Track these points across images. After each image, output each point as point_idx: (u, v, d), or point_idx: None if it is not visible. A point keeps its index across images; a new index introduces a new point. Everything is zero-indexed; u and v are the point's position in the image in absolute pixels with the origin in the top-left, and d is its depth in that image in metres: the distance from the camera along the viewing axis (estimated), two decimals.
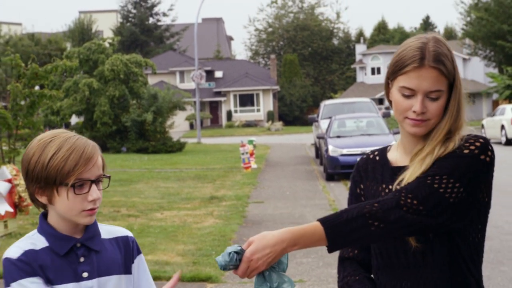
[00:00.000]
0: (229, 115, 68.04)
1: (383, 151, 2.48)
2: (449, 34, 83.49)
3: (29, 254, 2.18)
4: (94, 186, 2.21)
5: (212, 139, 46.54)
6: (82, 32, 73.56)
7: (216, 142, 42.43)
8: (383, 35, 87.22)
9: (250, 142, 23.03)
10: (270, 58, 76.05)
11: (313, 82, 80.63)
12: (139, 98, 32.24)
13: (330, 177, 18.84)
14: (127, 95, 31.94)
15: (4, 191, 9.82)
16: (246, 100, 69.02)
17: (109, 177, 2.28)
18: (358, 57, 78.23)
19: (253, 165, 22.12)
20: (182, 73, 69.31)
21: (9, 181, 10.07)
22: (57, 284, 2.21)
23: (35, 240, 2.24)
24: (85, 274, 2.24)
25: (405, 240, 2.27)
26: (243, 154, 21.52)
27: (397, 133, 20.64)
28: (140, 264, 2.40)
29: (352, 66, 79.24)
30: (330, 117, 22.73)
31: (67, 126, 39.32)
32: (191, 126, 63.58)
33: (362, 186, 2.45)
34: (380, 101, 70.78)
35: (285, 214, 12.84)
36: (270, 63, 75.12)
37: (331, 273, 8.12)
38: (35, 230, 2.27)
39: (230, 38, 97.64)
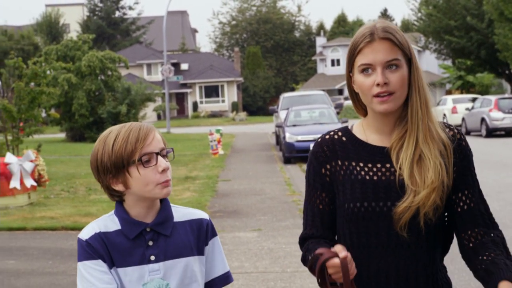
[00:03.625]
0: (195, 106, 70.70)
1: (346, 131, 2.49)
2: (406, 26, 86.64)
3: (98, 237, 2.31)
4: (160, 157, 2.29)
5: (180, 129, 49.23)
6: (50, 26, 75.43)
7: (184, 132, 45.15)
8: (343, 27, 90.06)
9: (218, 131, 25.86)
10: (234, 51, 78.48)
11: (276, 74, 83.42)
12: (114, 91, 34.92)
13: (287, 160, 21.84)
14: (102, 89, 34.60)
15: (30, 169, 12.64)
16: (211, 92, 71.66)
17: (172, 149, 2.37)
18: (318, 49, 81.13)
19: (220, 151, 24.99)
20: (149, 65, 71.65)
21: (32, 161, 12.88)
22: (124, 266, 2.31)
23: (110, 222, 2.35)
24: (152, 258, 2.32)
25: (389, 220, 2.33)
26: (211, 141, 24.41)
27: (346, 121, 23.77)
28: (215, 246, 2.47)
29: (313, 58, 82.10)
30: (288, 108, 25.71)
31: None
32: (159, 117, 66.09)
33: (328, 166, 2.44)
34: (339, 92, 73.87)
35: (248, 188, 15.77)
36: (234, 56, 77.60)
37: (282, 225, 11.05)
38: (113, 211, 2.38)
39: (195, 31, 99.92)
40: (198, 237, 2.41)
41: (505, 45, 38.19)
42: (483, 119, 28.70)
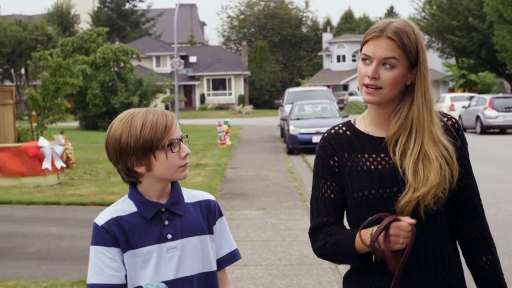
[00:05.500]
0: (202, 98, 72.20)
1: (350, 125, 2.63)
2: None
3: (114, 222, 2.44)
4: (182, 144, 2.47)
5: (188, 120, 50.75)
6: (61, 16, 76.88)
7: (192, 123, 46.69)
8: (349, 24, 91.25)
9: (226, 122, 27.34)
10: (242, 45, 79.77)
11: (282, 68, 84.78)
12: (127, 82, 36.45)
13: (290, 151, 23.35)
14: (115, 80, 36.13)
15: (60, 152, 14.19)
16: (219, 84, 73.13)
17: (187, 136, 2.52)
18: (324, 45, 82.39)
19: (228, 142, 26.51)
20: (158, 58, 73.06)
21: (62, 145, 14.42)
22: (143, 246, 2.44)
23: (125, 206, 2.49)
24: (169, 236, 2.47)
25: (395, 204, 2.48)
26: (219, 132, 25.93)
27: (346, 116, 25.27)
28: (221, 225, 2.62)
29: (319, 54, 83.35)
30: (292, 103, 27.21)
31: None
32: (167, 108, 67.59)
33: (336, 158, 2.56)
34: (344, 87, 75.31)
35: (254, 175, 17.27)
36: (242, 49, 78.85)
37: (283, 206, 12.54)
38: (126, 196, 2.51)
39: (203, 24, 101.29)
40: (208, 216, 2.57)
41: (503, 46, 39.63)
42: (478, 117, 30.15)
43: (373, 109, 2.57)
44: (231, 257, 2.64)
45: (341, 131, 2.61)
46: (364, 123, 2.62)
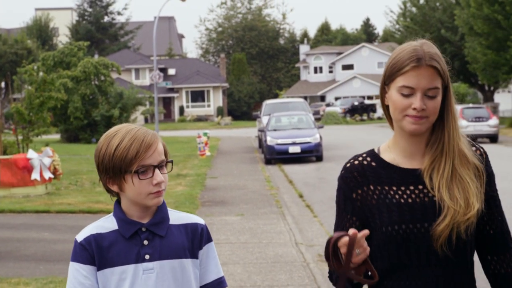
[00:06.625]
0: (181, 110, 72.98)
1: (374, 155, 2.53)
2: (388, 35, 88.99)
3: (91, 240, 2.44)
4: (157, 171, 2.41)
5: (168, 132, 51.45)
6: (40, 30, 77.40)
7: (171, 135, 47.42)
8: (326, 35, 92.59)
9: (205, 134, 28.10)
10: (220, 57, 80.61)
11: (260, 80, 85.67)
12: (107, 95, 37.18)
13: (268, 161, 24.22)
14: (96, 93, 36.85)
15: (48, 164, 14.96)
16: (197, 96, 74.00)
17: (171, 162, 2.50)
18: (302, 56, 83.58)
19: (207, 153, 27.31)
20: (137, 70, 73.75)
21: (50, 157, 15.18)
22: (119, 265, 2.43)
23: (107, 223, 2.49)
24: (147, 256, 2.44)
25: (428, 240, 2.38)
26: (199, 143, 26.75)
27: (321, 127, 26.22)
28: (209, 251, 2.57)
29: (297, 65, 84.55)
30: (269, 114, 28.10)
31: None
32: (146, 120, 68.28)
33: (359, 191, 2.48)
34: (321, 98, 76.47)
35: (232, 184, 18.09)
36: (220, 62, 79.70)
37: (260, 211, 13.36)
38: (112, 213, 2.51)
39: (181, 36, 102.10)
40: (193, 240, 2.51)
41: (474, 58, 40.84)
42: None
43: (404, 139, 2.47)
44: (218, 284, 2.58)
45: (365, 162, 2.51)
46: (390, 153, 2.52)
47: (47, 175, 15.11)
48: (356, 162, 2.51)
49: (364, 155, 2.53)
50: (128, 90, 37.89)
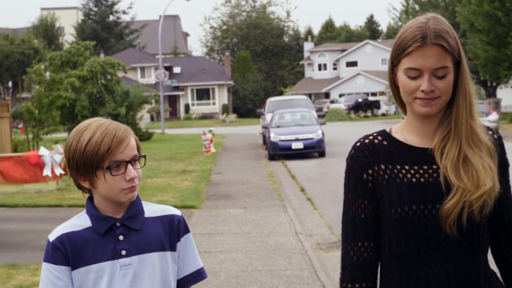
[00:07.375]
0: (187, 108, 73.58)
1: (386, 135, 2.42)
2: (392, 32, 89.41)
3: (64, 239, 2.36)
4: (130, 166, 2.35)
5: (173, 130, 52.05)
6: (46, 29, 78.05)
7: (177, 132, 48.04)
8: (330, 33, 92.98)
9: (210, 131, 28.72)
10: (225, 55, 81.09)
11: (265, 77, 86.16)
12: (114, 94, 37.77)
13: (271, 157, 24.81)
14: (103, 92, 37.44)
15: (59, 160, 15.58)
16: (203, 94, 74.58)
17: (144, 156, 2.42)
18: (306, 54, 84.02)
19: (212, 149, 27.91)
20: (143, 69, 74.38)
21: (61, 154, 15.80)
22: (95, 263, 2.37)
23: (81, 220, 2.41)
24: (123, 252, 2.38)
25: (438, 223, 2.26)
26: (204, 140, 27.36)
27: (323, 124, 26.78)
28: (187, 242, 2.52)
29: (301, 63, 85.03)
30: (273, 111, 28.68)
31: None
32: (152, 118, 68.94)
33: (370, 171, 2.36)
34: (326, 95, 76.97)
35: (237, 179, 18.68)
36: (225, 60, 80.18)
37: (263, 205, 13.94)
38: (84, 211, 2.44)
39: (186, 34, 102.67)
40: (170, 233, 2.46)
41: (475, 54, 41.36)
42: None
43: (419, 120, 2.36)
44: (197, 276, 2.54)
45: (376, 140, 2.40)
46: (402, 133, 2.41)
47: (58, 171, 15.73)
48: (367, 140, 2.40)
49: (375, 134, 2.43)
50: (134, 88, 38.45)
